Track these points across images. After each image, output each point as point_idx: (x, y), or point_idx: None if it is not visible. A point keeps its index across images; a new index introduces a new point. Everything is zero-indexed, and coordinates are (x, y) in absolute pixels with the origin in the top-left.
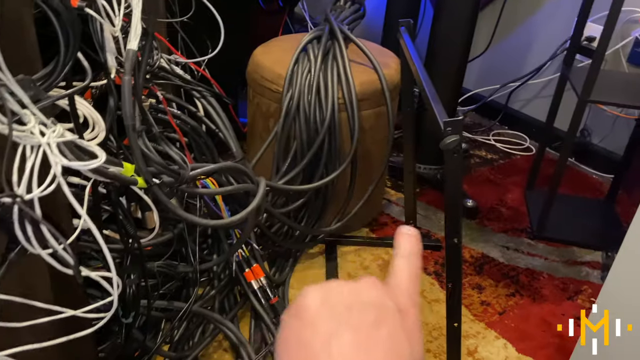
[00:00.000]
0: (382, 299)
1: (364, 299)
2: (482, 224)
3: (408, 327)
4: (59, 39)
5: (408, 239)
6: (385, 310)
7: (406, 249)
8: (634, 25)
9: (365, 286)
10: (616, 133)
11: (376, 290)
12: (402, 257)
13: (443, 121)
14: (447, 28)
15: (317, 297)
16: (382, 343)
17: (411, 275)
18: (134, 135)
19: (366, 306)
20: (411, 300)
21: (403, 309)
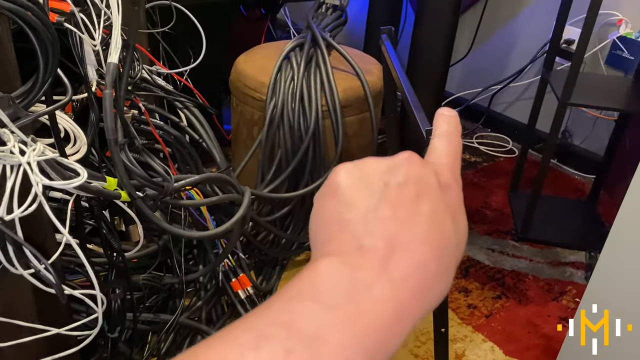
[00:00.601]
0: (423, 174)
1: (403, 174)
2: (468, 226)
3: (451, 203)
4: (38, 56)
5: (447, 119)
6: (427, 185)
7: (444, 128)
8: (612, 27)
9: (404, 161)
10: (596, 134)
11: (416, 166)
12: (441, 136)
13: (425, 129)
14: (429, 33)
15: (352, 173)
16: (424, 218)
17: (451, 151)
18: (116, 149)
19: (406, 181)
20: (453, 175)
21: (445, 184)
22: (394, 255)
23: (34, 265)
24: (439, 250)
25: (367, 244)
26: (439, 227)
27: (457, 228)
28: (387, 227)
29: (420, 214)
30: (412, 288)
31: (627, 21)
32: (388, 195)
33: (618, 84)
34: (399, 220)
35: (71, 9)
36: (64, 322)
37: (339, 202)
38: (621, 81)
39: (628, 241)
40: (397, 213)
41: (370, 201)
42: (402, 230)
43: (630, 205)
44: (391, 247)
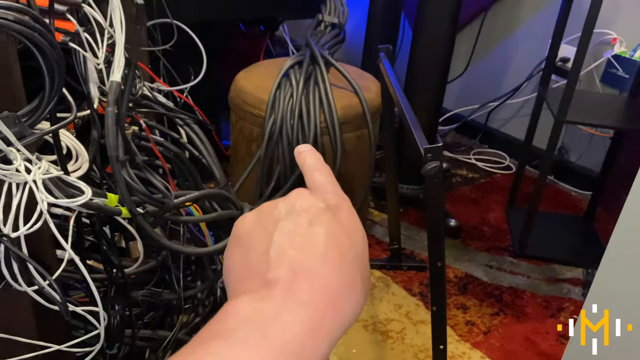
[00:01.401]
0: (312, 202)
1: (295, 208)
2: (465, 243)
3: (343, 221)
4: (44, 76)
5: (307, 154)
6: (317, 211)
7: (310, 162)
8: (606, 46)
9: (294, 196)
10: (592, 151)
11: (305, 197)
12: (312, 169)
13: (424, 148)
14: (426, 51)
15: (249, 222)
16: (319, 241)
17: (327, 178)
18: (117, 166)
19: (298, 212)
20: (337, 195)
21: (334, 206)
22: (297, 280)
23: (37, 282)
24: (340, 266)
25: (271, 277)
26: (335, 245)
27: (354, 242)
28: (287, 258)
29: (315, 238)
30: (320, 306)
31: (622, 40)
32: (283, 229)
33: (613, 101)
34: (296, 248)
35: (76, 28)
36: (63, 338)
37: (242, 249)
38: (616, 99)
39: (629, 240)
40: (294, 242)
41: (268, 240)
42: (301, 256)
43: (633, 204)
44: (293, 274)
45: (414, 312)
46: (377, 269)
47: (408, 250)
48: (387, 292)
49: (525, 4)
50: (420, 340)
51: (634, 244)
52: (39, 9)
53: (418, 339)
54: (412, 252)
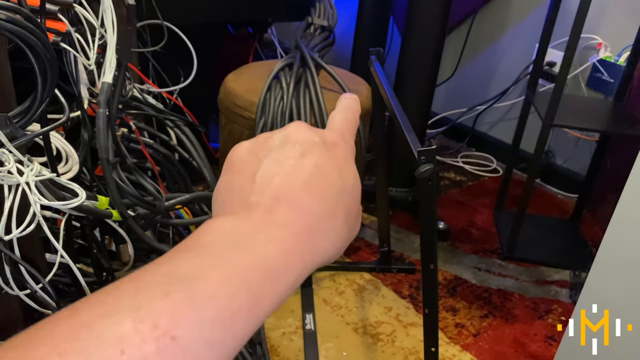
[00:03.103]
0: (308, 136)
1: (290, 138)
2: (454, 245)
3: (336, 157)
4: (37, 76)
5: (346, 98)
6: (311, 144)
7: (342, 104)
8: (592, 51)
9: (292, 128)
10: (579, 154)
11: (303, 130)
12: (338, 110)
13: (417, 150)
14: (415, 54)
15: (244, 147)
16: (307, 170)
17: (344, 120)
18: (108, 168)
19: (293, 143)
20: (341, 136)
21: (331, 143)
22: (278, 205)
23: (30, 285)
24: (322, 197)
25: (254, 200)
26: (321, 176)
27: (343, 177)
28: (272, 183)
29: (303, 167)
30: (297, 230)
31: (607, 45)
32: (273, 157)
33: (599, 105)
34: (283, 175)
35: (67, 28)
36: None
37: (232, 173)
38: (602, 103)
39: (628, 240)
40: (281, 170)
41: (257, 166)
42: (285, 183)
43: (628, 198)
44: (275, 199)
45: (404, 315)
46: (367, 271)
47: (398, 253)
48: (377, 294)
49: (512, 9)
50: (410, 342)
51: (633, 242)
52: (30, 8)
53: (408, 342)
54: (402, 255)
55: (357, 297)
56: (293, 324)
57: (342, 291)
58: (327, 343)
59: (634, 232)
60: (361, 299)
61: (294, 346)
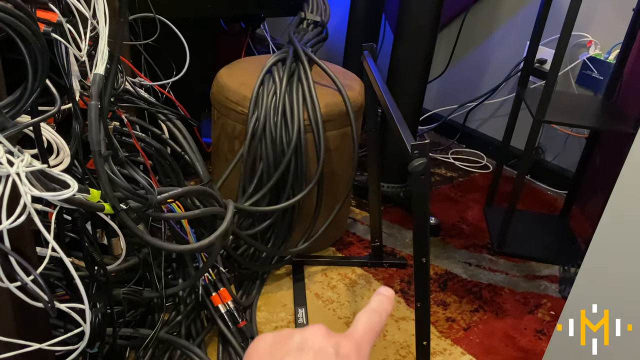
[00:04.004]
0: (324, 344)
1: (306, 344)
2: (445, 241)
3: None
4: (27, 67)
5: (380, 298)
6: (323, 354)
7: (374, 306)
8: (582, 48)
9: (311, 332)
10: (568, 151)
11: (320, 336)
12: (367, 312)
13: (411, 144)
14: (407, 51)
15: (266, 343)
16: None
17: (367, 326)
18: (100, 160)
19: (308, 350)
20: (357, 347)
21: (344, 354)
22: None
23: (20, 278)
24: None
25: None
26: None
27: None
28: None
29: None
30: None
31: (597, 42)
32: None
33: (588, 102)
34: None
35: (58, 19)
36: (43, 337)
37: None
38: (591, 100)
39: (618, 236)
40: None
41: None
42: None
43: (619, 195)
44: None
45: (395, 309)
46: (359, 266)
47: (389, 248)
48: (368, 289)
49: (503, 7)
50: (401, 336)
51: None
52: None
53: (399, 336)
54: (393, 250)
55: (349, 292)
56: (285, 318)
57: (334, 286)
58: None
59: (624, 228)
60: (353, 293)
61: None
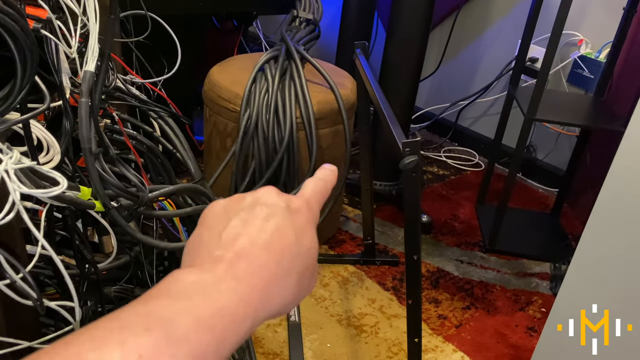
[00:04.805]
0: (275, 200)
1: (259, 201)
2: (437, 238)
3: (297, 222)
4: (16, 63)
5: (324, 170)
6: (276, 208)
7: (319, 174)
8: (573, 47)
9: (262, 192)
10: (559, 149)
11: (272, 195)
12: (313, 178)
13: (402, 142)
14: (399, 49)
15: (219, 206)
16: (268, 231)
17: (314, 188)
18: (91, 158)
19: (261, 205)
20: (307, 203)
21: (295, 209)
22: (238, 260)
23: (9, 275)
24: (279, 256)
25: (218, 254)
26: (280, 238)
27: (300, 241)
28: (235, 240)
29: (265, 228)
30: (253, 284)
31: (587, 41)
32: (241, 217)
33: (579, 101)
34: (246, 234)
35: (48, 15)
36: (33, 335)
37: (203, 228)
38: (582, 98)
39: (607, 234)
40: (246, 229)
41: (226, 224)
42: (247, 241)
43: (608, 192)
44: (236, 254)
45: (387, 307)
46: (351, 264)
47: (381, 246)
48: (361, 286)
49: (495, 5)
50: (393, 334)
51: (612, 236)
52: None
53: (391, 333)
54: (386, 247)
55: (341, 289)
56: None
57: (327, 283)
58: (312, 335)
59: (613, 225)
60: (345, 291)
61: (278, 338)
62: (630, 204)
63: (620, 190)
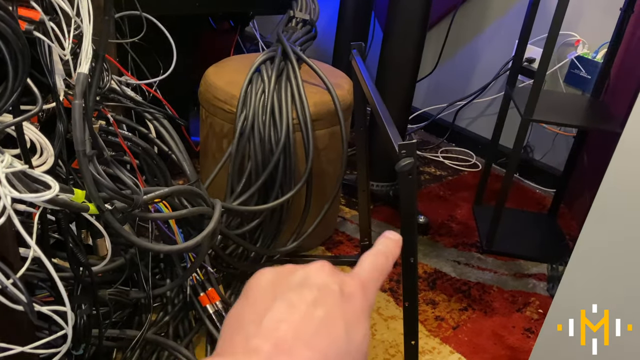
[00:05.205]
0: (327, 282)
1: (308, 280)
2: (434, 239)
3: (349, 312)
4: (8, 65)
5: (386, 241)
6: (327, 292)
7: (380, 248)
8: (570, 48)
9: (314, 268)
10: (556, 149)
11: (324, 274)
12: (372, 253)
13: (398, 144)
14: (396, 49)
15: (267, 277)
16: (315, 322)
17: (373, 268)
18: (84, 160)
19: (310, 286)
20: (362, 287)
21: (348, 294)
22: (277, 354)
23: (0, 281)
24: (323, 355)
25: (254, 344)
26: (328, 332)
27: (350, 336)
28: (277, 328)
29: (313, 318)
30: None
31: (584, 42)
32: (288, 298)
33: (576, 101)
34: (290, 322)
35: (41, 17)
36: (26, 339)
37: (246, 302)
38: (579, 99)
39: (604, 234)
40: (290, 317)
41: (270, 303)
42: (289, 333)
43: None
44: (276, 347)
45: (384, 308)
46: (348, 265)
47: None
48: None
49: (492, 6)
50: (390, 335)
51: (609, 237)
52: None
53: (388, 335)
54: None
55: None
56: None
57: None
58: None
59: (610, 226)
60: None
61: None
62: (627, 204)
63: (618, 190)
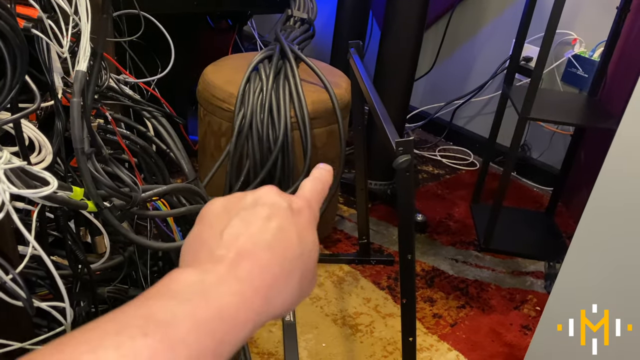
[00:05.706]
0: (277, 200)
1: (260, 200)
2: (432, 237)
3: (299, 223)
4: (6, 63)
5: (320, 170)
6: (278, 208)
7: (316, 174)
8: (567, 46)
9: (263, 191)
10: (554, 148)
11: (273, 194)
12: (310, 179)
13: (395, 141)
14: (394, 48)
15: (219, 204)
16: (270, 232)
17: (313, 188)
18: (83, 158)
19: (262, 205)
20: (307, 203)
21: (296, 209)
22: (241, 260)
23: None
24: (281, 258)
25: (219, 254)
26: (283, 239)
27: (302, 243)
28: (237, 240)
29: (268, 228)
30: (256, 286)
31: (581, 40)
32: (242, 216)
33: (573, 100)
34: (248, 234)
35: (39, 14)
36: (25, 336)
37: (203, 226)
38: (576, 97)
39: (609, 234)
40: (248, 229)
41: (227, 222)
42: (249, 241)
43: (600, 191)
44: (239, 254)
45: (382, 306)
46: (346, 263)
47: (376, 245)
48: (356, 286)
49: (489, 5)
50: (388, 333)
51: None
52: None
53: (387, 332)
54: (381, 247)
55: (337, 289)
56: None
57: (322, 283)
58: (307, 334)
59: (605, 224)
60: (340, 290)
61: (273, 338)
62: (623, 204)
63: (612, 188)
